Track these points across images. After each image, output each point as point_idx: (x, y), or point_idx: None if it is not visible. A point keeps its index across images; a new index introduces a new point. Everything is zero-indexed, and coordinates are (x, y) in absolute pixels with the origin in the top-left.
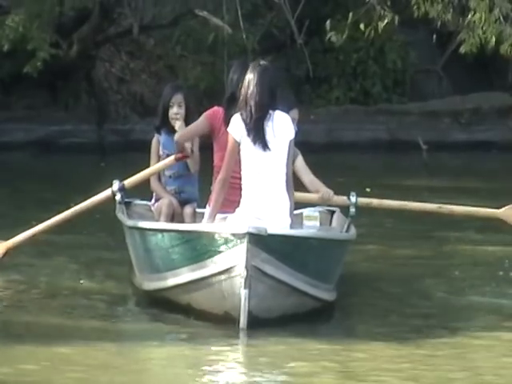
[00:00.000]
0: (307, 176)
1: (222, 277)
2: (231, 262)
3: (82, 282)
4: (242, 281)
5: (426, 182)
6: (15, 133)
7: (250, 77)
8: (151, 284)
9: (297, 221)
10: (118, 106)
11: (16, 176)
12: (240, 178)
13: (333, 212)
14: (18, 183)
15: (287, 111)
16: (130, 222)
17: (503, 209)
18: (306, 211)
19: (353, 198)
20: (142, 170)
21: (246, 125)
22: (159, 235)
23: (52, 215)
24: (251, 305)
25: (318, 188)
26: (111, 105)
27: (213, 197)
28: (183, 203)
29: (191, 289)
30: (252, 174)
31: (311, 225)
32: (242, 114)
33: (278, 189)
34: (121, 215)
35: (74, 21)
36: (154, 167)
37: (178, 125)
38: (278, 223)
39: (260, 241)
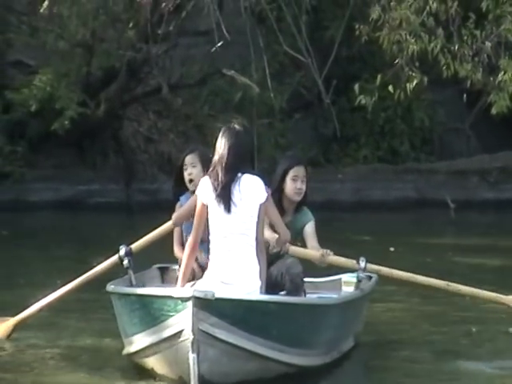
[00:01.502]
0: (312, 243)
1: (173, 341)
2: (179, 327)
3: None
4: (189, 345)
5: (452, 240)
6: (43, 192)
7: (221, 140)
8: (125, 348)
9: (335, 286)
10: (145, 166)
11: (42, 237)
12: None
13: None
14: (43, 244)
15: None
16: (108, 287)
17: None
18: (344, 277)
19: (362, 263)
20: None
21: (213, 188)
22: (123, 299)
23: (75, 277)
24: (203, 369)
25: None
26: (139, 164)
27: (183, 261)
28: None
29: (149, 353)
30: (218, 237)
31: (349, 290)
32: (210, 177)
33: (244, 252)
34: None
35: (102, 80)
36: (160, 230)
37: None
38: (246, 287)
39: (208, 305)
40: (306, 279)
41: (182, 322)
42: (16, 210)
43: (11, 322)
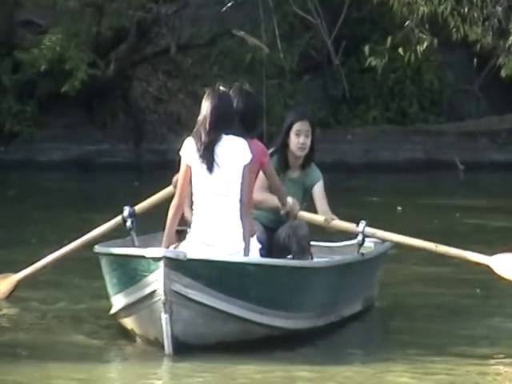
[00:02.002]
0: (321, 205)
1: (147, 302)
2: (153, 287)
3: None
4: (162, 305)
5: (460, 201)
6: (52, 152)
7: (205, 101)
8: (111, 309)
9: (351, 251)
10: (155, 126)
11: (51, 196)
12: None
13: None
14: (53, 203)
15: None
16: (95, 248)
17: (494, 256)
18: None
19: (361, 226)
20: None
21: (196, 148)
22: (103, 259)
23: (80, 235)
24: (176, 330)
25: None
26: (148, 124)
27: (167, 222)
28: None
29: (128, 314)
30: (200, 198)
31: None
32: (193, 137)
33: (227, 214)
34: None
35: (112, 40)
36: (162, 193)
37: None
38: (228, 249)
39: (180, 265)
40: (323, 243)
41: (154, 282)
42: (25, 170)
43: (13, 278)
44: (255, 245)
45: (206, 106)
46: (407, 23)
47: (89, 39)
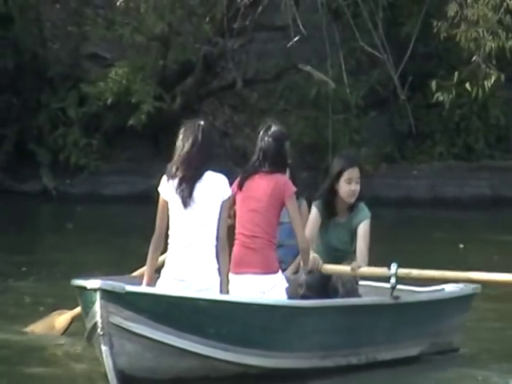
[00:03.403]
0: (359, 245)
1: (94, 333)
2: (95, 318)
3: None
4: (101, 338)
5: None
6: (117, 185)
7: (184, 136)
8: None
9: None
10: (220, 160)
11: (116, 230)
12: (259, 237)
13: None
14: (116, 237)
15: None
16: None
17: None
18: (448, 286)
19: (393, 268)
20: None
21: (173, 184)
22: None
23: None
24: (121, 363)
25: (358, 259)
26: (214, 158)
27: (148, 258)
28: None
29: (90, 342)
30: (175, 233)
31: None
32: (169, 173)
33: (201, 249)
34: None
35: (178, 74)
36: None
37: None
38: (200, 284)
39: (118, 298)
40: (403, 287)
41: (96, 314)
42: (89, 203)
43: (68, 315)
44: (283, 283)
45: (184, 141)
46: (474, 58)
47: (155, 73)
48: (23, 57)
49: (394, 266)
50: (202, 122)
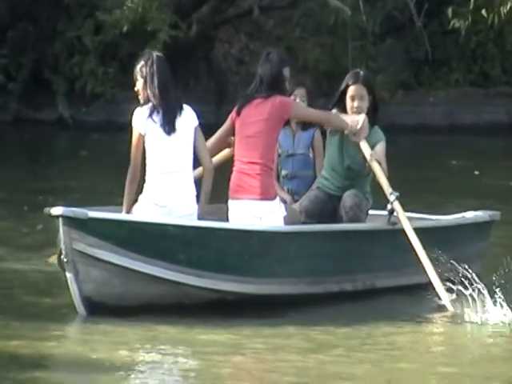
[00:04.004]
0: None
1: (62, 259)
2: (60, 245)
3: None
4: (66, 264)
5: None
6: (130, 113)
7: (150, 70)
8: None
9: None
10: (236, 87)
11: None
12: (256, 163)
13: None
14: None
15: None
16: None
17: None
18: (468, 214)
19: (392, 196)
20: None
21: (150, 114)
22: None
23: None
24: (88, 290)
25: (376, 158)
26: (230, 86)
27: (125, 189)
28: None
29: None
30: (157, 160)
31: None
32: (148, 106)
33: (184, 176)
34: None
35: (194, 2)
36: (222, 154)
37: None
38: (180, 210)
39: (81, 224)
40: (412, 214)
41: (60, 240)
42: (105, 131)
43: None
44: (280, 211)
45: (152, 73)
46: None
47: (170, 0)
48: None
49: (393, 195)
50: (158, 53)
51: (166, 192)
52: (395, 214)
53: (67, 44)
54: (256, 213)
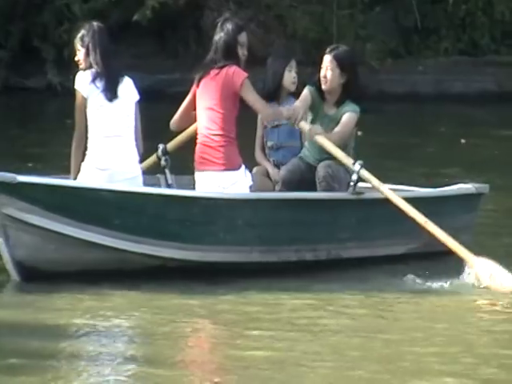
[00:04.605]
0: (336, 127)
1: None
2: None
3: None
4: None
5: None
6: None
7: (92, 39)
8: None
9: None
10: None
11: None
12: (217, 135)
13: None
14: None
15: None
16: None
17: (479, 259)
18: (456, 187)
19: (357, 166)
20: None
21: (93, 80)
22: None
23: None
24: (20, 255)
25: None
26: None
27: (71, 154)
28: None
29: None
30: (99, 125)
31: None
32: (91, 72)
33: (126, 140)
34: None
35: None
36: (192, 128)
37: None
38: (123, 174)
39: (11, 188)
40: (406, 187)
41: None
42: None
43: None
44: (245, 180)
45: (94, 43)
46: None
47: None
48: None
49: (358, 165)
50: (98, 24)
51: (108, 155)
52: (366, 183)
53: (56, 12)
54: (220, 183)
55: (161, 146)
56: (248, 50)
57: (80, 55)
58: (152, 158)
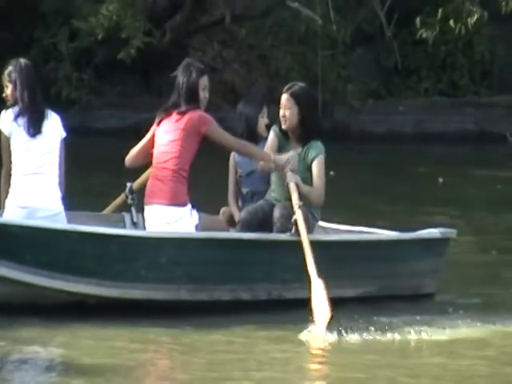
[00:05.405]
0: (315, 181)
1: None
2: None
3: None
4: None
5: (504, 173)
6: (109, 119)
7: (18, 75)
8: None
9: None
10: (210, 94)
11: (97, 162)
12: (168, 169)
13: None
14: (94, 169)
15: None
16: None
17: (318, 283)
18: (423, 232)
19: (296, 206)
20: None
21: (15, 118)
22: None
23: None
24: None
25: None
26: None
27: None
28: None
29: None
30: (20, 162)
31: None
32: (14, 109)
33: (45, 177)
34: None
35: (167, 10)
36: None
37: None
38: (45, 211)
39: None
40: (381, 231)
41: None
42: (80, 137)
43: None
44: (192, 219)
45: (18, 80)
46: None
47: (145, 8)
48: None
49: (297, 205)
50: (25, 60)
51: (27, 193)
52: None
53: (43, 50)
54: (165, 218)
55: (128, 185)
56: (230, 89)
57: (7, 91)
58: (121, 197)
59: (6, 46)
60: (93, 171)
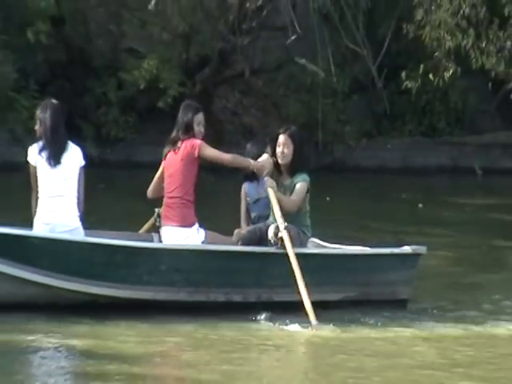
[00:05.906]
0: (292, 195)
1: None
2: None
3: None
4: None
5: (474, 199)
6: (149, 154)
7: (45, 114)
8: None
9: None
10: (231, 135)
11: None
12: (175, 197)
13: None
14: (130, 197)
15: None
16: None
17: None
18: (399, 249)
19: (281, 226)
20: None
21: (40, 151)
22: None
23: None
24: None
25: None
26: (226, 133)
27: (33, 210)
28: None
29: None
30: (44, 187)
31: None
32: (38, 144)
33: (64, 199)
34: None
35: (198, 65)
36: None
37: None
38: (64, 227)
39: None
40: (362, 248)
41: None
42: (125, 169)
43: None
44: (198, 237)
45: (46, 118)
46: (436, 54)
47: (179, 64)
48: (73, 51)
49: (282, 225)
50: (54, 101)
51: (49, 212)
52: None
53: (95, 98)
54: (175, 237)
55: (156, 210)
56: (249, 130)
57: (36, 127)
58: (151, 221)
59: (65, 94)
60: (135, 198)
